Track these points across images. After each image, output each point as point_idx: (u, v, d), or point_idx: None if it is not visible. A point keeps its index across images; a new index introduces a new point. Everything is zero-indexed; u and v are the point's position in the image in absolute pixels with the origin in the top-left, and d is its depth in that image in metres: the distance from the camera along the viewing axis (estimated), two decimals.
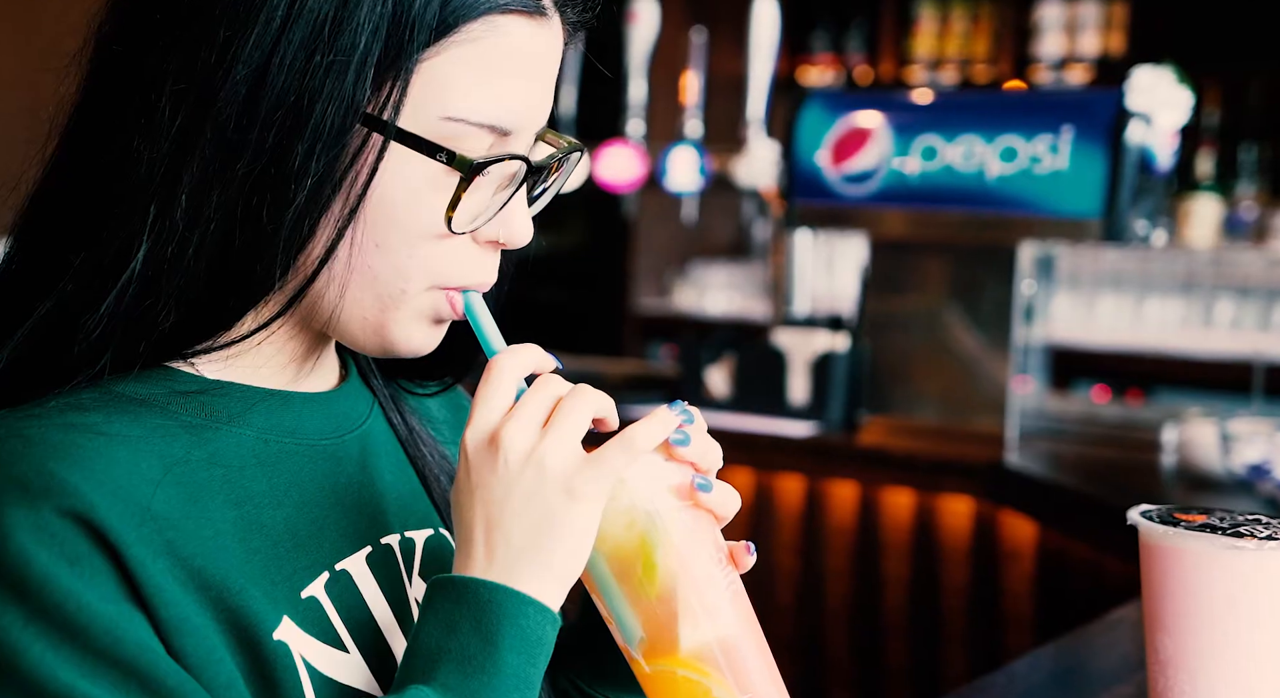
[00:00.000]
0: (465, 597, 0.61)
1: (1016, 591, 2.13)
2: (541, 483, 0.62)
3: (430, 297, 0.66)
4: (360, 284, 0.65)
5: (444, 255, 0.66)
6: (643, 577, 0.64)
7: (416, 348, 0.68)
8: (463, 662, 0.60)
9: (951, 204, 2.30)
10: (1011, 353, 2.32)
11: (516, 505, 0.62)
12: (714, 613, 0.64)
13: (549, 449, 0.62)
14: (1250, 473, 1.67)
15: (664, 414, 0.65)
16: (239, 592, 0.62)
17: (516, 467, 0.62)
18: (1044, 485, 2.05)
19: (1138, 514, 0.80)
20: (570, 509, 0.62)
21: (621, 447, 0.63)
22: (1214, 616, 0.75)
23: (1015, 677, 1.12)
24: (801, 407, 2.46)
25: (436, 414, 0.83)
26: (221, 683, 0.61)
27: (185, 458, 0.64)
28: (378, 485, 0.73)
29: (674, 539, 0.64)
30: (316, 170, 0.62)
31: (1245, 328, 3.44)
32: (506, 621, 0.61)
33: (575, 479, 0.62)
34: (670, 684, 0.64)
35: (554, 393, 0.64)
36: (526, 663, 0.61)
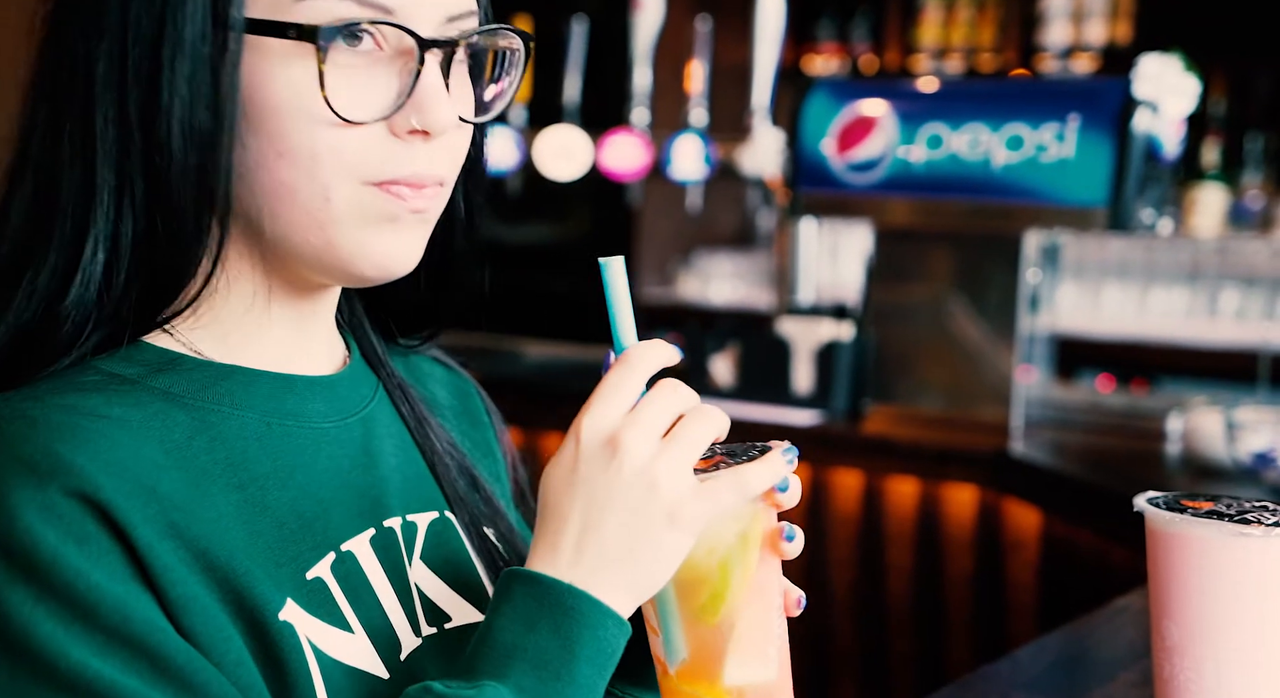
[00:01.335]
0: (549, 598, 0.61)
1: (1021, 579, 2.14)
2: (649, 502, 0.61)
3: (362, 197, 0.65)
4: (286, 203, 0.64)
5: (357, 149, 0.64)
6: (706, 604, 0.64)
7: (382, 262, 0.66)
8: (539, 665, 0.60)
9: (957, 193, 2.30)
10: (1016, 342, 2.32)
11: (619, 516, 0.61)
12: (763, 658, 0.65)
13: (664, 469, 0.61)
14: (1256, 461, 1.67)
15: (778, 460, 0.64)
16: (244, 574, 0.63)
17: (630, 477, 0.61)
18: (1048, 474, 2.05)
19: (1144, 501, 0.80)
20: (668, 536, 0.61)
21: (733, 487, 0.62)
22: (1220, 602, 0.75)
23: (1019, 664, 1.12)
24: (806, 396, 2.46)
25: (443, 400, 0.83)
26: (232, 660, 0.61)
27: (187, 442, 0.65)
28: (380, 469, 0.73)
29: (749, 579, 0.65)
30: (192, 89, 0.62)
31: (1250, 317, 3.43)
32: (587, 631, 0.61)
33: (682, 508, 0.61)
34: None
35: (679, 404, 0.63)
36: (597, 674, 0.61)
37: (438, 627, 0.71)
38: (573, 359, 3.04)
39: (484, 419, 0.86)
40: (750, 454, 0.65)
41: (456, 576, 0.74)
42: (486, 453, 0.84)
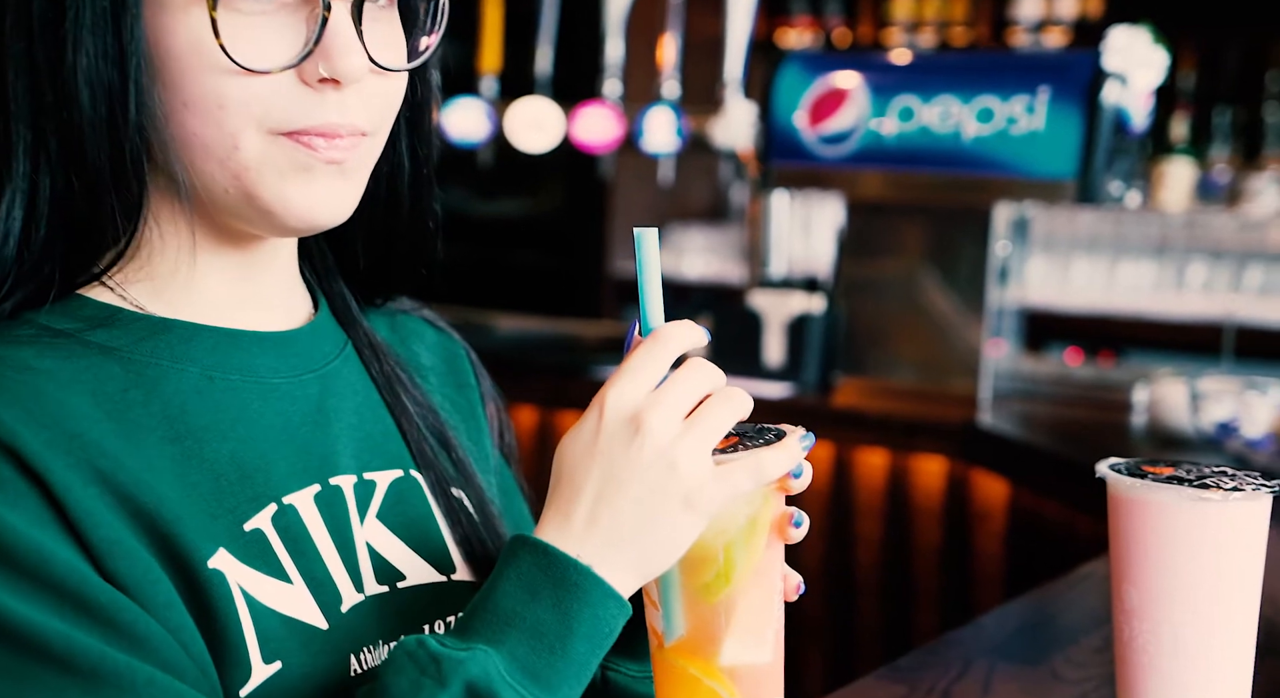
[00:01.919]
0: (554, 570, 0.61)
1: (988, 550, 2.16)
2: (667, 483, 0.61)
3: (273, 146, 0.64)
4: (199, 154, 0.64)
5: (263, 98, 0.63)
6: (710, 583, 0.64)
7: (302, 213, 0.66)
8: (535, 636, 0.60)
9: (928, 165, 2.30)
10: (985, 315, 2.33)
11: (634, 494, 0.61)
12: (760, 640, 0.65)
13: (685, 452, 0.61)
14: (1218, 431, 1.69)
15: (794, 446, 0.64)
16: (173, 522, 0.63)
17: (650, 457, 0.61)
18: (1016, 446, 2.07)
19: (1106, 467, 0.81)
20: (682, 518, 0.62)
21: (749, 473, 0.63)
22: (1179, 566, 0.76)
23: (983, 630, 1.13)
24: (777, 368, 2.47)
25: (426, 362, 0.83)
26: (161, 603, 0.61)
27: (121, 394, 0.65)
28: (334, 426, 0.73)
29: (754, 562, 0.65)
30: (96, 42, 0.62)
31: (1217, 290, 3.47)
32: (588, 609, 0.61)
33: (699, 492, 0.61)
34: (691, 686, 0.65)
35: (704, 384, 0.63)
36: (592, 652, 0.62)
37: (389, 585, 0.71)
38: (544, 332, 3.03)
39: (470, 382, 0.85)
40: (766, 437, 0.65)
41: (417, 535, 0.74)
42: (469, 416, 0.84)
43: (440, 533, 0.75)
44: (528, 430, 2.63)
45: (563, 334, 3.01)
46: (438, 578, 0.74)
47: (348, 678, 0.67)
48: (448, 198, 2.31)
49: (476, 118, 3.05)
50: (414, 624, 0.72)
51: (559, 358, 2.71)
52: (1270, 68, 3.89)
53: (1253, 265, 3.47)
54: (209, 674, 0.62)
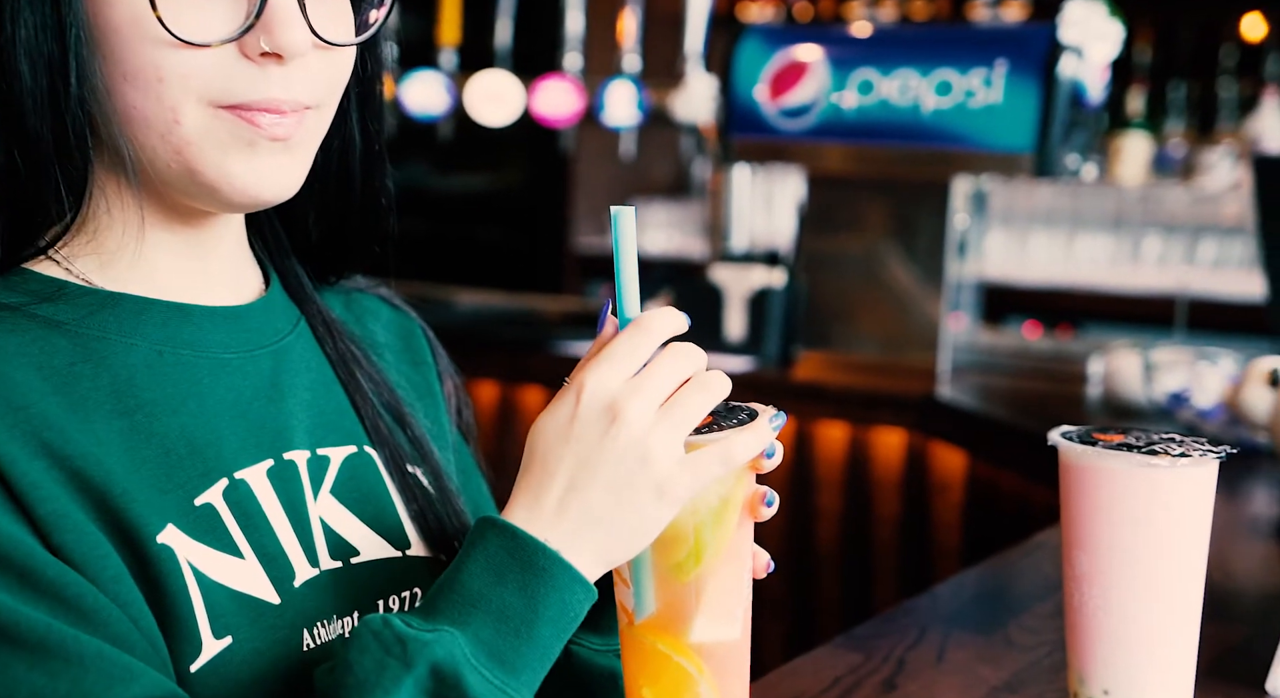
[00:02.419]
0: (522, 554, 0.61)
1: (946, 520, 2.18)
2: (639, 473, 0.61)
3: (214, 121, 0.64)
4: (140, 128, 0.64)
5: (203, 71, 0.63)
6: (682, 562, 0.64)
7: (246, 188, 0.65)
8: (500, 619, 0.60)
9: (887, 139, 2.31)
10: (944, 288, 2.34)
11: (606, 482, 0.61)
12: (730, 618, 0.66)
13: (658, 442, 0.61)
14: (1171, 401, 1.71)
15: (764, 429, 0.64)
16: (121, 495, 0.63)
17: (624, 447, 0.61)
18: (974, 418, 2.09)
19: (1058, 435, 0.82)
20: (652, 509, 0.62)
21: (720, 460, 0.63)
22: (1128, 531, 0.77)
23: (939, 599, 1.15)
24: (738, 342, 2.48)
25: (382, 339, 0.83)
26: (109, 577, 0.61)
27: (69, 368, 0.64)
28: (288, 401, 0.72)
29: (726, 541, 0.65)
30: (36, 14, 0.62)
31: (1172, 263, 3.51)
32: (554, 593, 0.61)
33: (670, 483, 0.62)
34: (661, 663, 0.65)
35: (682, 372, 0.63)
36: (556, 636, 0.62)
37: (343, 561, 0.71)
38: (505, 307, 3.02)
39: (427, 359, 0.85)
40: (739, 416, 0.65)
41: (371, 511, 0.74)
42: (425, 393, 0.83)
43: (394, 509, 0.75)
44: (488, 406, 2.62)
45: (524, 309, 3.00)
46: (392, 553, 0.74)
47: (300, 653, 0.66)
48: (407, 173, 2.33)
49: (435, 91, 3.02)
50: (369, 599, 0.71)
51: (520, 333, 2.70)
52: (1224, 42, 3.93)
53: (1206, 239, 3.52)
54: (159, 648, 0.62)
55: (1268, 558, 1.26)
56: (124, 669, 0.58)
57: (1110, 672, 0.78)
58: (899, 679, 0.92)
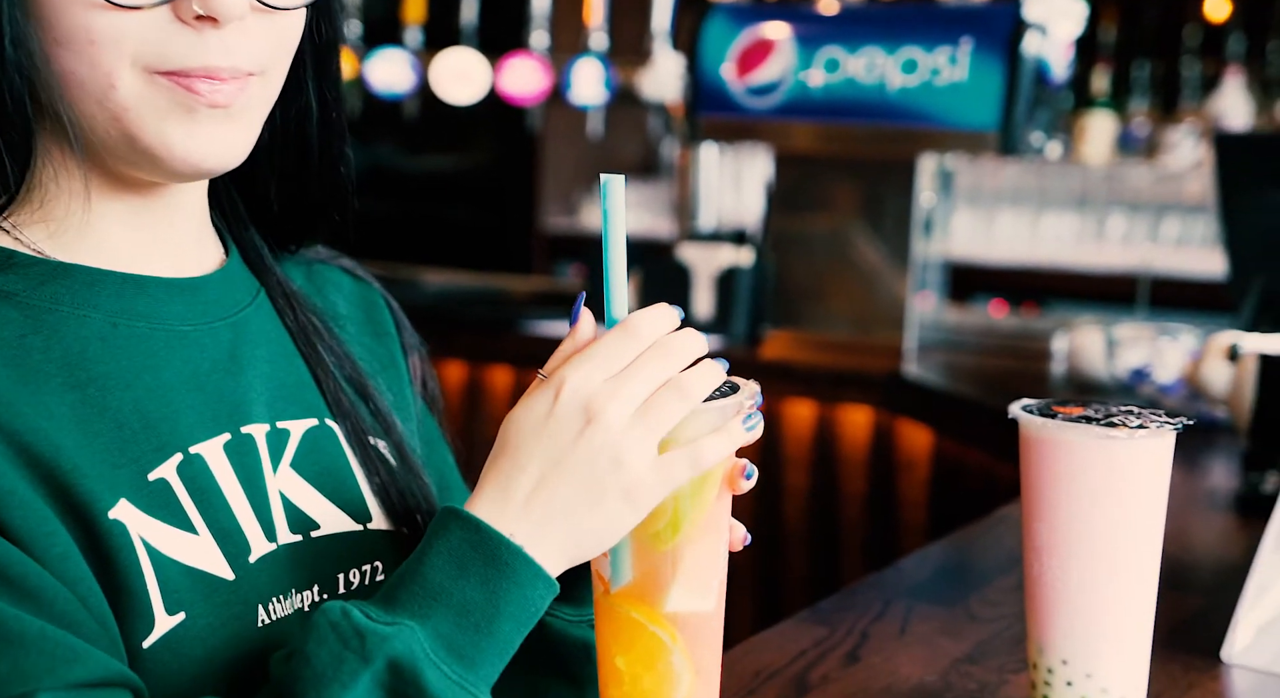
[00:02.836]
0: (485, 548, 0.61)
1: (912, 498, 2.20)
2: (610, 476, 0.61)
3: (151, 87, 0.63)
4: (77, 93, 0.63)
5: (136, 35, 0.62)
6: (661, 532, 0.64)
7: (187, 157, 0.64)
8: (462, 614, 0.60)
9: (854, 117, 2.31)
10: (911, 266, 2.35)
11: (576, 482, 0.61)
12: (705, 589, 0.66)
13: (631, 445, 0.61)
14: (1133, 377, 1.73)
15: (736, 430, 0.63)
16: (71, 471, 0.62)
17: (598, 448, 0.61)
18: (939, 395, 2.10)
19: (1018, 408, 0.82)
20: (619, 511, 0.61)
21: (689, 463, 0.62)
22: (1087, 502, 0.78)
23: (903, 572, 1.16)
24: (706, 321, 2.48)
25: (344, 311, 0.82)
26: (57, 555, 0.60)
27: (19, 340, 0.63)
28: (247, 374, 0.71)
29: (705, 512, 0.65)
30: None
31: (1136, 241, 3.54)
32: (516, 589, 0.60)
33: (638, 487, 0.61)
34: (635, 631, 0.65)
35: (664, 373, 0.62)
36: (517, 631, 0.61)
37: (303, 534, 0.71)
38: (473, 287, 3.00)
39: (389, 331, 0.84)
40: (721, 389, 0.65)
41: (331, 484, 0.73)
42: (388, 365, 0.83)
43: (355, 482, 0.75)
44: (456, 385, 2.61)
45: (491, 289, 2.98)
46: (353, 527, 0.73)
47: (254, 629, 0.66)
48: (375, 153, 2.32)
49: (400, 68, 3.00)
50: (329, 573, 0.71)
51: (487, 313, 2.69)
52: (1188, 22, 3.96)
53: (1169, 217, 3.55)
54: (108, 627, 0.61)
55: (1225, 530, 1.28)
56: (68, 650, 0.57)
57: (1069, 642, 0.79)
58: (862, 652, 0.93)
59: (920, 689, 0.87)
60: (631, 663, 0.65)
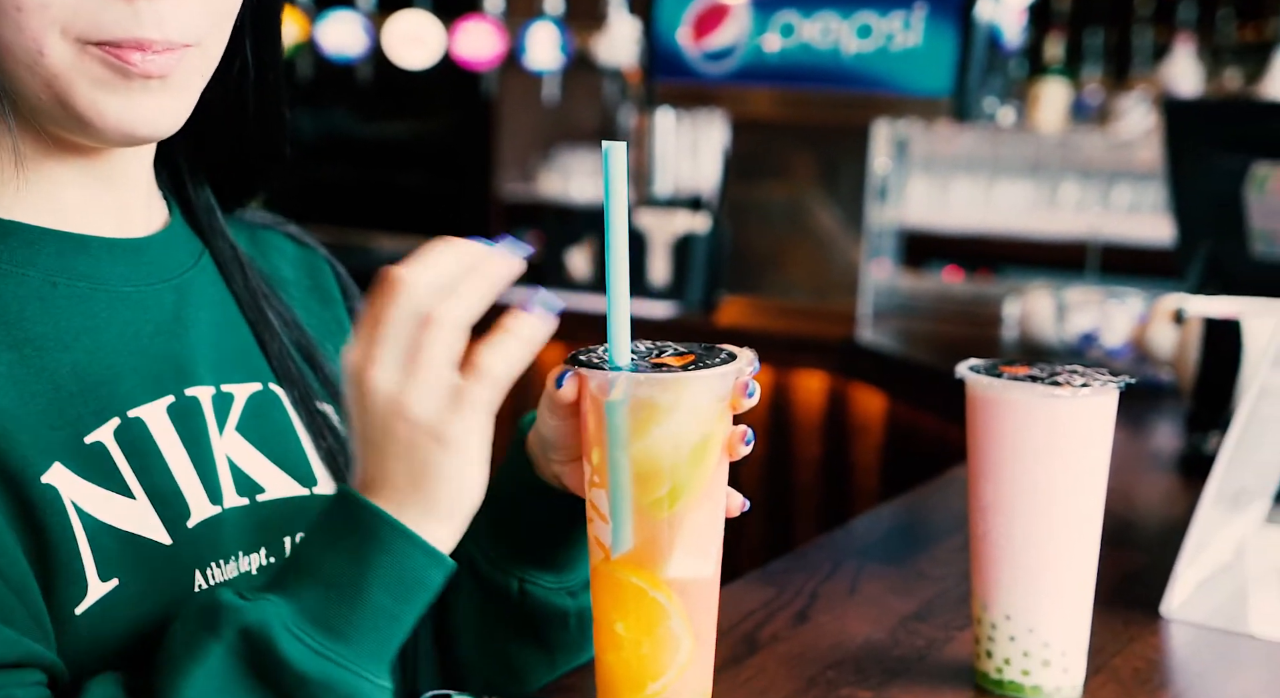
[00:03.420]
0: (354, 519, 0.59)
1: (866, 462, 2.22)
2: (412, 433, 0.59)
3: (81, 57, 0.62)
4: (7, 59, 0.62)
5: (66, 3, 0.61)
6: (664, 497, 0.64)
7: (120, 126, 0.63)
8: (328, 586, 0.59)
9: (809, 82, 2.31)
10: (866, 232, 2.36)
11: (393, 452, 0.60)
12: (705, 555, 0.66)
13: (413, 398, 0.59)
14: (1082, 341, 1.75)
15: (521, 334, 0.60)
16: (2, 435, 0.61)
17: (385, 416, 0.59)
18: (893, 360, 2.12)
19: (965, 368, 0.83)
20: (444, 457, 0.59)
21: (483, 384, 0.59)
22: (1031, 460, 0.78)
23: (854, 533, 1.16)
24: (662, 288, 2.48)
25: (289, 276, 0.81)
26: None
27: None
28: (190, 336, 0.71)
29: (706, 478, 0.65)
30: None
31: (1088, 208, 3.58)
32: (386, 557, 0.59)
33: (443, 427, 0.59)
34: (635, 597, 0.65)
35: (411, 320, 0.59)
36: (397, 603, 0.59)
37: (249, 498, 0.70)
38: None
39: (335, 296, 0.84)
40: (719, 357, 0.66)
41: (277, 449, 0.73)
42: (335, 330, 0.82)
43: (301, 446, 0.74)
44: None
45: None
46: (300, 491, 0.73)
47: (190, 595, 0.65)
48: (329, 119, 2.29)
49: (353, 31, 2.95)
50: (274, 536, 0.71)
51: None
52: None
53: (1121, 184, 3.59)
54: (30, 600, 0.60)
55: (1169, 489, 1.30)
56: None
57: (1012, 598, 0.80)
58: (811, 611, 0.94)
59: (868, 647, 0.88)
60: (631, 628, 0.66)
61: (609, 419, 0.64)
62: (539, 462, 0.72)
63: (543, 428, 0.70)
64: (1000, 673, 0.80)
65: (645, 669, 0.66)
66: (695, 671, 0.67)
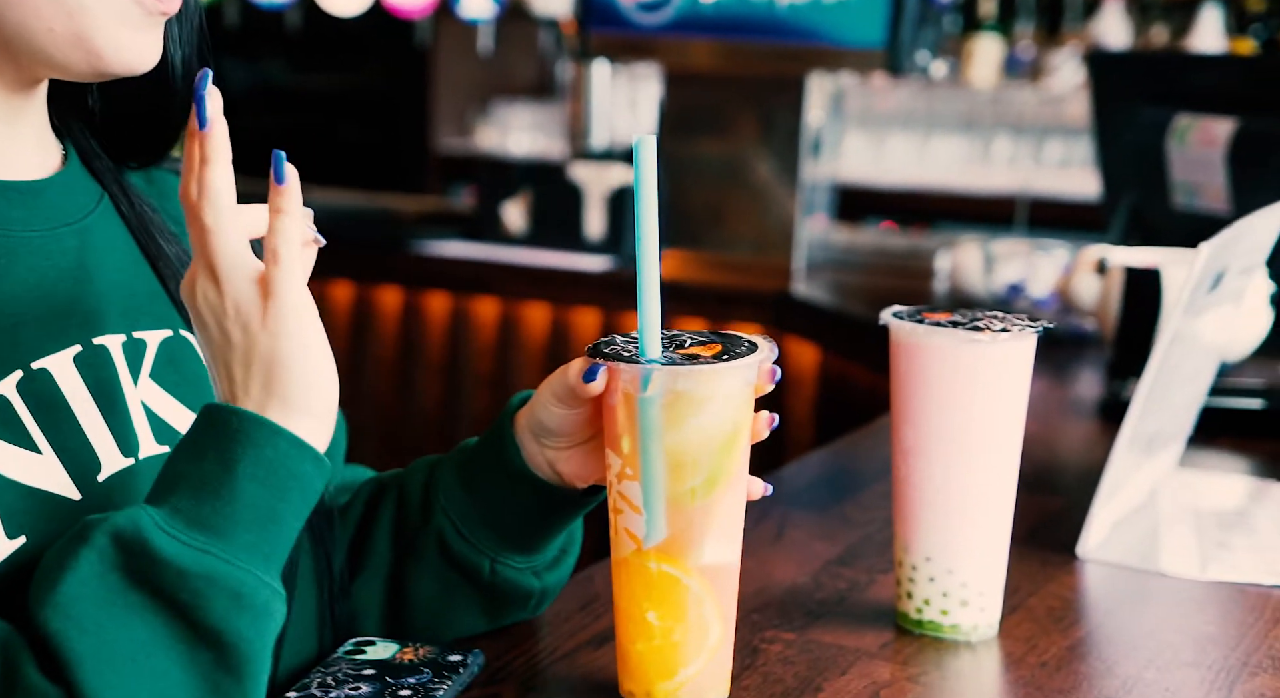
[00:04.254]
0: (215, 423, 0.60)
1: (799, 416, 2.24)
2: (242, 334, 0.60)
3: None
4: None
5: None
6: (698, 486, 0.65)
7: (130, 59, 0.65)
8: (199, 486, 0.58)
9: (744, 34, 2.30)
10: (800, 186, 2.37)
11: (236, 359, 0.61)
12: (734, 541, 0.68)
13: (228, 299, 0.60)
14: (1009, 292, 1.78)
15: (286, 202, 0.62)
16: None
17: (217, 329, 0.61)
18: (826, 313, 2.13)
19: (888, 315, 0.84)
20: (277, 344, 0.60)
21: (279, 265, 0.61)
22: (951, 404, 0.80)
23: (781, 481, 1.18)
24: (598, 241, 2.47)
25: (180, 214, 0.79)
26: None
27: None
28: (97, 283, 0.69)
29: (740, 465, 0.67)
30: None
31: (1021, 163, 3.62)
32: (252, 449, 0.59)
33: (264, 316, 0.60)
34: (669, 585, 0.66)
35: (196, 240, 0.61)
36: (271, 495, 0.59)
37: (170, 445, 0.69)
38: (359, 206, 2.93)
39: None
40: (743, 345, 0.68)
41: (193, 395, 0.72)
42: None
43: (214, 393, 0.73)
44: (344, 306, 2.56)
45: (379, 208, 2.92)
46: None
47: None
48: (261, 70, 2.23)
49: None
50: None
51: (376, 232, 2.64)
52: None
53: (1052, 139, 3.63)
54: None
55: (1089, 435, 1.33)
56: None
57: (932, 539, 0.81)
58: None
59: (792, 590, 0.89)
60: (664, 616, 0.67)
61: (643, 412, 0.65)
62: (529, 448, 0.72)
63: (544, 416, 0.70)
64: (920, 613, 0.82)
65: (678, 656, 0.68)
66: (723, 653, 0.69)
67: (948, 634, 0.81)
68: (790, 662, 0.77)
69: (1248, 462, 1.22)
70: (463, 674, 0.71)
